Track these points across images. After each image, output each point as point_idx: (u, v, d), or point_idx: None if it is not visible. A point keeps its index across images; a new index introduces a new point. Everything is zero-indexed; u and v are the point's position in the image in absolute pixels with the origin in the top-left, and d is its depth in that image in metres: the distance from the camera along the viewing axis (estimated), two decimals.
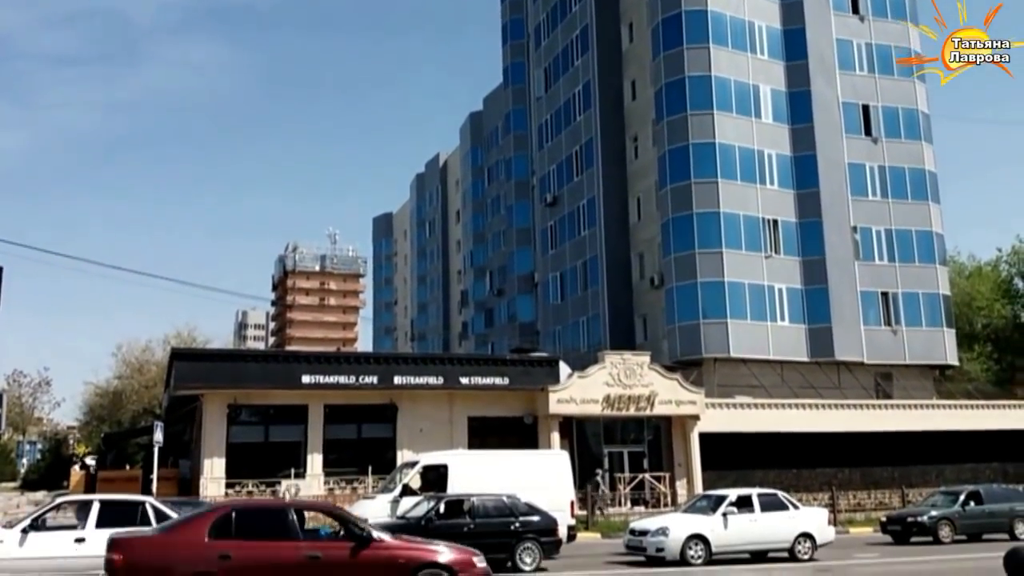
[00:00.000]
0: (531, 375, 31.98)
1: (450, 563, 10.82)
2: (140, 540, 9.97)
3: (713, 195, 40.18)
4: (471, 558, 11.23)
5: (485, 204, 67.27)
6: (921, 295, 42.59)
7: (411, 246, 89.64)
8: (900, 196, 43.37)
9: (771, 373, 38.93)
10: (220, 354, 35.12)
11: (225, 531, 9.79)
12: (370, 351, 78.55)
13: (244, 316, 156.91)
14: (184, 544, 9.61)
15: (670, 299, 40.69)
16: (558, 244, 51.18)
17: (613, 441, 33.32)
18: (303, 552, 9.81)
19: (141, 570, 9.36)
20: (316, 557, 9.81)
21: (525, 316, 57.11)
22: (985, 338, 52.67)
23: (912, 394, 40.23)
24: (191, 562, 9.41)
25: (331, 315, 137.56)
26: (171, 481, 30.45)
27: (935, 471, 35.62)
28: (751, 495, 19.71)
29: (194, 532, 9.70)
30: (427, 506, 17.93)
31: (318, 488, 28.19)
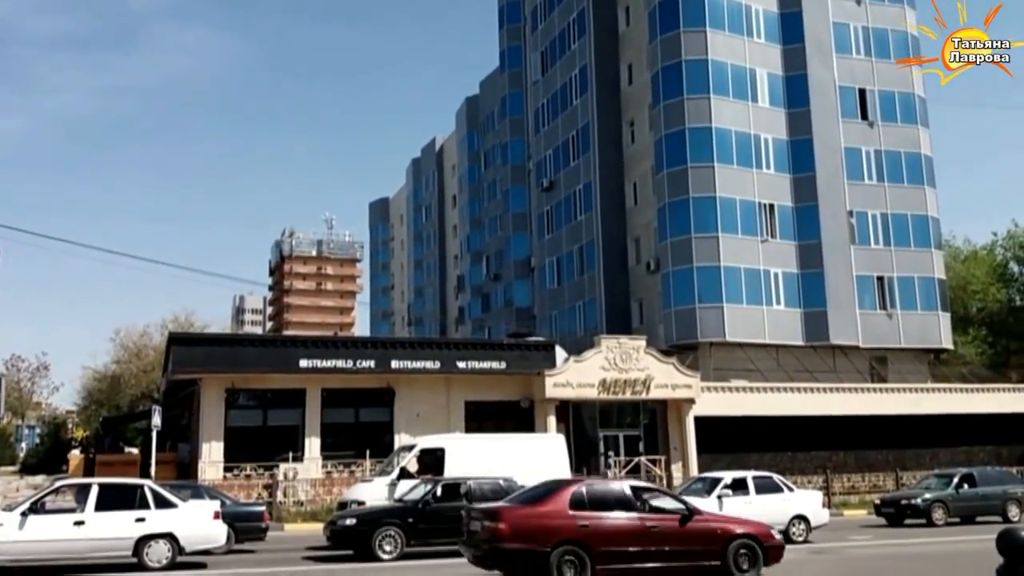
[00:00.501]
0: (528, 359, 32.08)
1: (757, 534, 12.72)
2: (518, 511, 11.79)
3: (709, 179, 40.19)
4: (768, 530, 13.15)
5: (481, 189, 67.20)
6: (916, 279, 42.68)
7: (407, 231, 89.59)
8: (896, 180, 43.39)
9: (767, 357, 39.09)
10: (218, 338, 35.22)
11: (581, 504, 11.70)
12: (367, 335, 78.69)
13: (241, 301, 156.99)
14: (552, 515, 11.51)
15: (666, 283, 40.76)
16: (554, 229, 51.19)
17: (609, 425, 33.50)
18: (643, 522, 11.69)
19: (522, 536, 11.25)
20: (653, 527, 11.67)
21: (521, 301, 57.18)
22: (980, 322, 52.87)
23: (907, 378, 40.42)
24: (559, 529, 11.30)
25: (328, 300, 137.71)
26: (169, 465, 30.58)
27: (929, 454, 35.85)
28: (746, 478, 19.84)
29: (558, 505, 11.61)
30: (424, 489, 18.04)
31: (316, 471, 28.33)
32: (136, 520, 14.31)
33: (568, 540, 11.19)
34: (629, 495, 12.19)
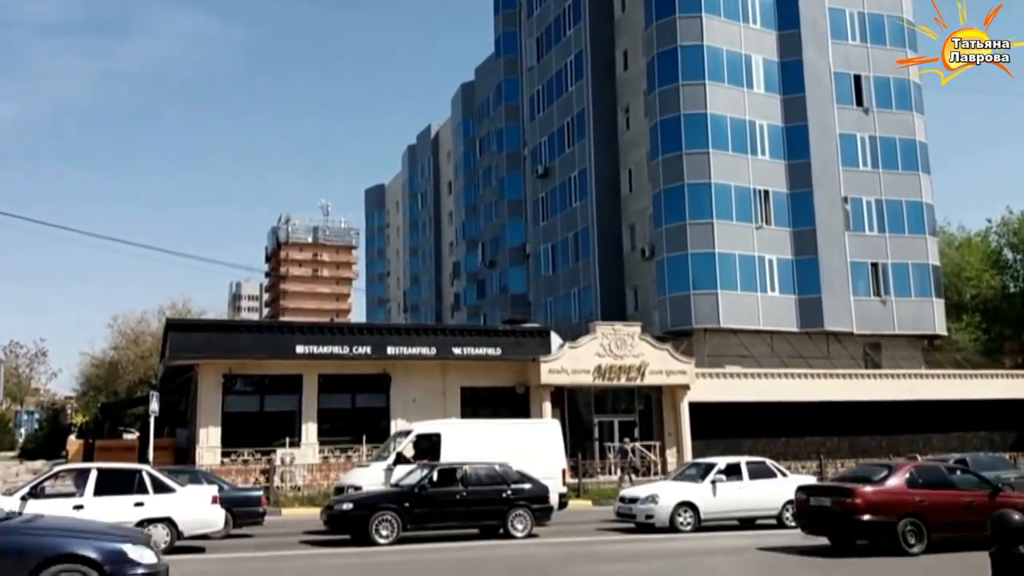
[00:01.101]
0: (523, 346, 32.23)
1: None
2: (872, 491, 14.12)
3: (704, 166, 40.24)
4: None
5: (477, 175, 67.17)
6: (910, 265, 42.82)
7: (403, 218, 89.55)
8: (891, 167, 43.45)
9: (760, 343, 39.26)
10: (215, 325, 35.32)
11: (915, 483, 14.32)
12: (363, 322, 78.77)
13: (238, 287, 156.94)
14: (897, 492, 14.11)
15: (661, 270, 40.88)
16: (549, 216, 51.24)
17: (604, 411, 33.70)
18: (963, 498, 14.27)
19: (878, 509, 13.80)
20: (971, 502, 14.13)
21: (517, 287, 57.27)
22: (974, 308, 53.05)
23: (900, 364, 40.63)
24: (904, 504, 13.91)
25: (324, 286, 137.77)
26: (167, 450, 30.71)
27: (922, 440, 36.05)
28: (739, 463, 19.96)
29: (899, 484, 14.17)
30: (421, 474, 18.15)
31: (313, 457, 28.51)
32: (135, 505, 14.43)
33: (910, 513, 13.77)
34: (947, 475, 14.97)
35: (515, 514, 17.64)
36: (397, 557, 14.86)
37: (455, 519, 17.46)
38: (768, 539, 16.58)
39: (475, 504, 17.51)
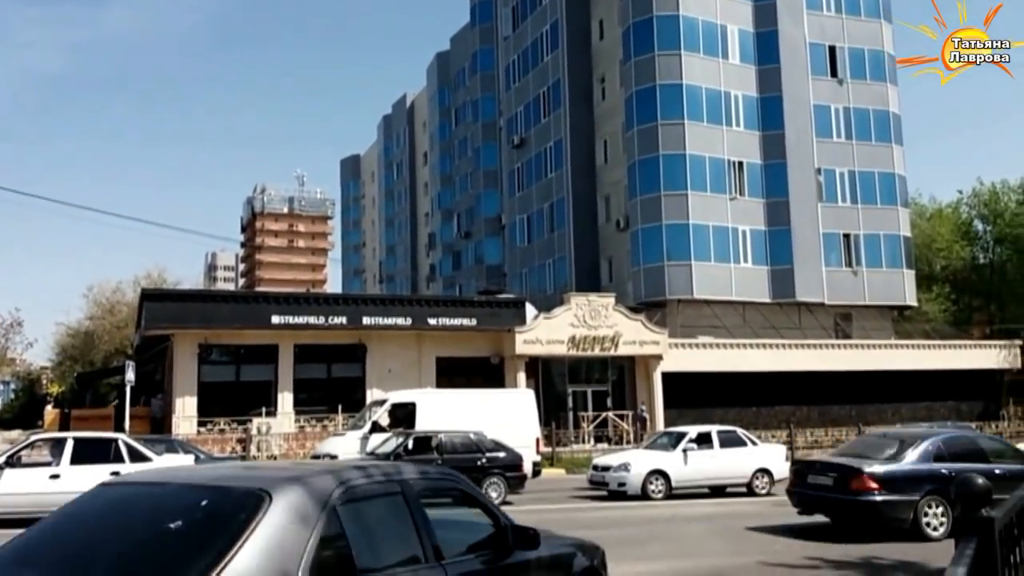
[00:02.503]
0: (498, 316, 32.39)
1: None
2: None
3: (679, 137, 40.35)
4: None
5: (452, 146, 66.90)
6: (882, 236, 43.28)
7: (379, 188, 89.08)
8: (864, 138, 43.74)
9: (733, 314, 39.66)
10: (190, 294, 35.13)
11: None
12: (339, 292, 78.57)
13: (214, 258, 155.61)
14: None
15: (635, 241, 41.09)
16: (525, 186, 51.23)
17: (578, 381, 34.01)
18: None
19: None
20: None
21: (492, 258, 57.35)
22: (943, 279, 53.73)
23: (871, 334, 41.19)
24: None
25: (300, 257, 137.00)
26: (143, 420, 30.69)
27: (891, 409, 36.68)
28: (710, 432, 20.26)
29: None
30: (396, 442, 18.34)
31: (289, 426, 28.61)
32: (111, 474, 14.39)
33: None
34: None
35: (489, 482, 17.87)
36: None
37: None
38: (736, 507, 16.89)
39: None
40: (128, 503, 4.09)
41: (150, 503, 4.01)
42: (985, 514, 3.02)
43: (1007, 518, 3.06)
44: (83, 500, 4.18)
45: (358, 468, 4.39)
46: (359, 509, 4.02)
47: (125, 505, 4.07)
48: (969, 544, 2.73)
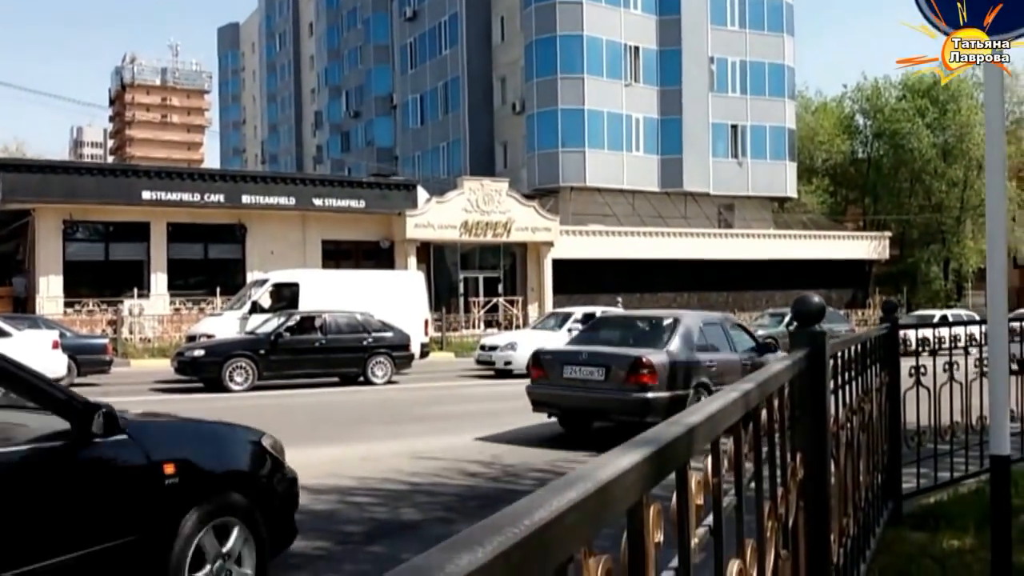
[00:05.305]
0: (388, 199, 31.50)
1: None
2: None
3: (577, 16, 39.37)
4: None
5: (340, 16, 63.41)
6: (768, 128, 43.99)
7: (260, 61, 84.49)
8: (757, 27, 43.76)
9: (623, 202, 39.90)
10: (51, 166, 32.50)
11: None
12: (216, 168, 75.29)
13: (80, 133, 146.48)
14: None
15: (531, 125, 40.44)
16: (418, 63, 49.41)
17: (470, 267, 33.77)
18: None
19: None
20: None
21: (383, 140, 55.68)
22: (824, 172, 55.41)
23: (752, 224, 42.32)
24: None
25: (174, 134, 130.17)
26: (4, 299, 28.87)
27: (766, 296, 38.01)
28: (595, 312, 20.48)
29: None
30: (277, 322, 17.72)
31: (164, 308, 27.40)
32: None
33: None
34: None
35: (375, 361, 17.60)
36: (252, 402, 14.56)
37: (314, 366, 17.25)
38: None
39: (334, 352, 17.31)
40: None
41: None
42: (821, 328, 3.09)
43: None
44: None
45: None
46: None
47: None
48: (800, 351, 2.81)
